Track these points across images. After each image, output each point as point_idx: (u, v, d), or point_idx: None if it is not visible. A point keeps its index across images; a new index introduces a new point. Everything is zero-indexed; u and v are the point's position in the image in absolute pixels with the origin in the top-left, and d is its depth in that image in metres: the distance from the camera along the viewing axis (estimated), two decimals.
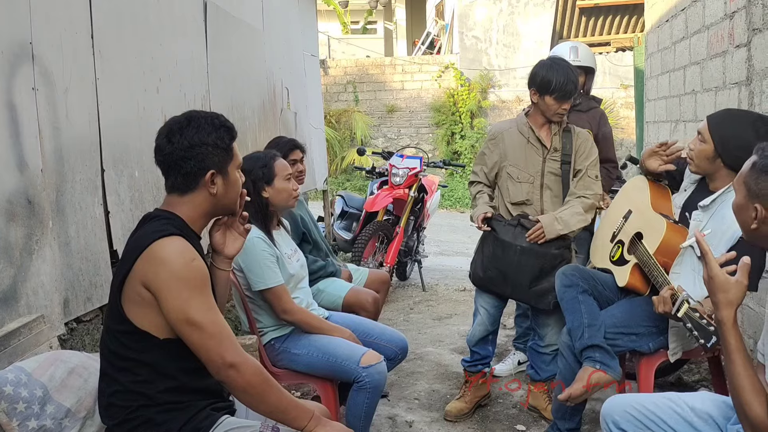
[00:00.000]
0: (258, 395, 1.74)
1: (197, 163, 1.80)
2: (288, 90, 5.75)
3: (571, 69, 3.12)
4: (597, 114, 3.87)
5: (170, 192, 1.86)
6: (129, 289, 1.73)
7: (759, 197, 1.63)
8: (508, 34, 13.97)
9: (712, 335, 2.08)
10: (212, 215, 1.92)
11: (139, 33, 3.13)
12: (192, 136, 1.80)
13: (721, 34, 3.74)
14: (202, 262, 1.75)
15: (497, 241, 3.18)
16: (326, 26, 18.76)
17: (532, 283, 3.13)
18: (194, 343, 1.71)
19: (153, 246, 1.71)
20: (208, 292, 1.75)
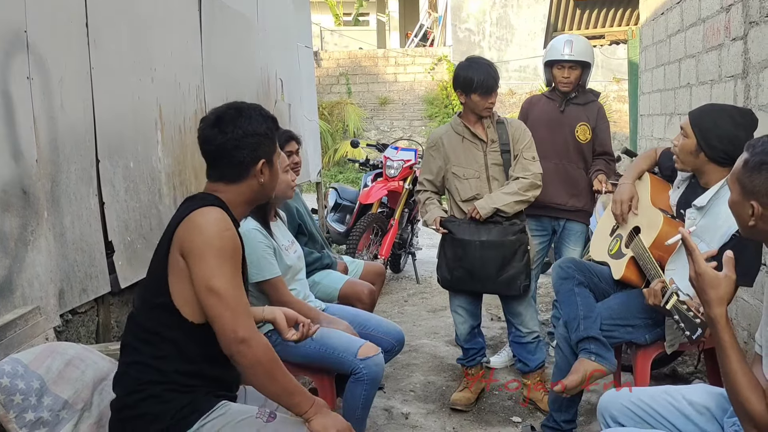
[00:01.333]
0: (266, 373, 1.75)
1: (250, 153, 1.84)
2: (282, 81, 5.72)
3: (489, 65, 3.23)
4: (595, 107, 3.86)
5: (216, 180, 1.88)
6: (172, 259, 1.77)
7: (754, 194, 1.62)
8: (501, 27, 13.95)
9: (697, 327, 2.11)
10: (252, 203, 1.95)
11: (134, 23, 3.10)
12: (246, 126, 1.84)
13: (717, 27, 3.74)
14: (235, 234, 1.78)
15: (456, 241, 3.26)
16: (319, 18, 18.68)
17: (499, 273, 3.21)
18: (211, 312, 1.72)
19: (192, 214, 1.76)
20: (236, 266, 1.77)
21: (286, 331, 2.08)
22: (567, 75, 3.74)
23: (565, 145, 3.76)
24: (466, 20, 14.05)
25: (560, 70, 3.76)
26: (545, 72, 3.91)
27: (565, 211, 3.80)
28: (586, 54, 3.76)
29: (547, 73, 3.89)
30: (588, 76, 3.81)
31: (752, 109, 3.20)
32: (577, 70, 3.75)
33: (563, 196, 3.75)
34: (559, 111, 3.79)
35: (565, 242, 3.87)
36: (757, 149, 1.63)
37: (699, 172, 2.55)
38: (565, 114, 3.78)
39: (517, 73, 13.56)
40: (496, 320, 4.74)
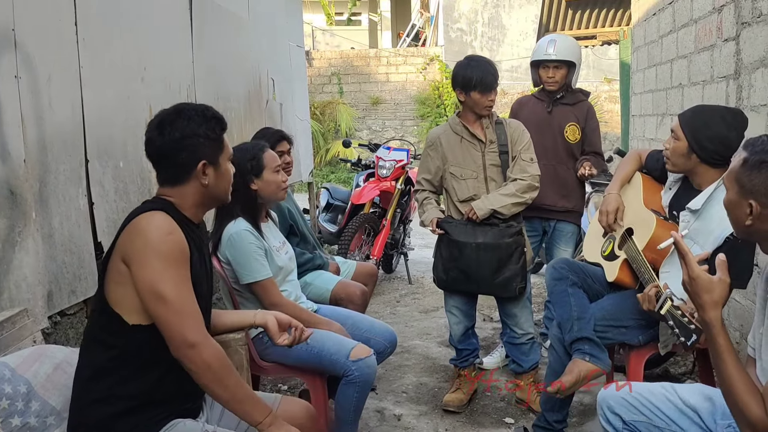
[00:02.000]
0: (215, 380, 1.72)
1: (189, 155, 1.81)
2: (273, 81, 5.69)
3: (488, 63, 3.23)
4: (584, 107, 3.84)
5: (162, 184, 1.86)
6: (111, 266, 1.75)
7: (753, 193, 1.61)
8: (493, 27, 13.96)
9: (692, 333, 2.10)
10: (205, 206, 1.92)
11: (124, 21, 3.06)
12: (183, 127, 1.80)
13: (709, 28, 3.75)
14: (180, 237, 1.74)
15: (452, 242, 3.25)
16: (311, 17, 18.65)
17: (494, 275, 3.20)
18: (158, 317, 1.70)
19: (135, 220, 1.74)
20: (182, 268, 1.73)
21: (277, 336, 2.06)
22: (552, 75, 3.73)
23: (554, 146, 3.74)
24: (458, 20, 14.04)
25: (545, 70, 3.75)
26: (532, 73, 3.89)
27: (556, 212, 3.80)
28: (570, 53, 3.73)
29: (533, 73, 3.87)
30: (574, 75, 3.78)
31: (745, 109, 3.20)
32: (563, 70, 3.73)
33: (553, 197, 3.74)
34: (546, 111, 3.78)
35: (555, 243, 3.86)
36: (757, 148, 1.62)
37: (691, 173, 2.55)
38: (553, 114, 3.77)
39: (509, 73, 13.56)
40: (488, 321, 4.73)
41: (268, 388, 3.59)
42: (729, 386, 1.57)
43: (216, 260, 2.76)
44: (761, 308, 1.76)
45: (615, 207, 2.80)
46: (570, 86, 3.79)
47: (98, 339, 1.77)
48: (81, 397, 1.77)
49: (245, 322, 2.14)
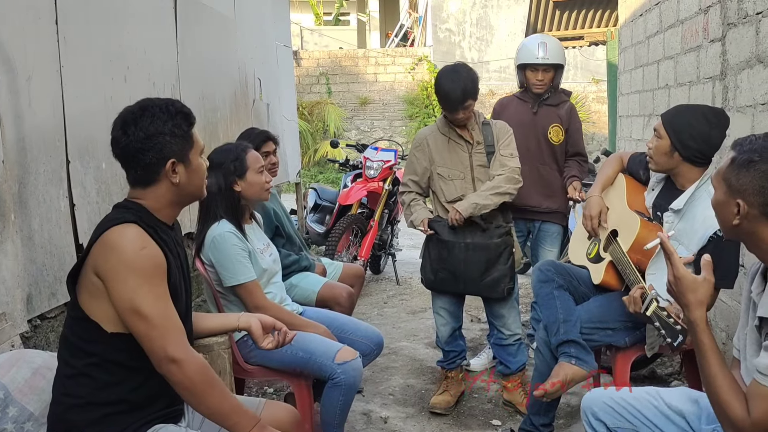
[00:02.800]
0: (198, 394, 1.69)
1: (156, 154, 1.74)
2: (260, 81, 5.65)
3: (457, 80, 3.12)
4: (567, 108, 3.82)
5: (133, 185, 1.80)
6: (84, 277, 1.70)
7: (741, 193, 1.61)
8: (482, 27, 13.97)
9: (678, 334, 2.10)
10: (179, 204, 1.86)
11: (106, 20, 3.03)
12: (147, 126, 1.73)
13: (695, 29, 3.75)
14: (155, 250, 1.69)
15: (441, 243, 3.24)
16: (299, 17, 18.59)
17: (483, 276, 3.19)
18: (138, 333, 1.66)
19: (106, 233, 1.68)
20: (159, 282, 1.69)
21: (261, 339, 2.02)
22: (541, 78, 3.70)
23: (538, 148, 3.72)
24: (447, 20, 14.05)
25: (534, 73, 3.71)
26: (518, 74, 3.86)
27: (540, 213, 3.78)
28: (560, 56, 3.73)
29: (520, 75, 3.84)
30: (560, 77, 3.77)
31: (731, 110, 3.21)
32: (551, 72, 3.71)
33: (537, 198, 3.72)
34: (532, 113, 3.75)
35: (541, 244, 3.84)
36: (745, 147, 1.63)
37: (674, 173, 2.55)
38: (538, 116, 3.75)
39: (497, 73, 13.59)
40: (476, 322, 4.72)
41: (254, 391, 3.56)
42: (712, 386, 1.57)
43: (200, 262, 2.73)
44: (746, 309, 1.76)
45: (598, 210, 2.79)
46: (556, 87, 3.78)
47: (76, 346, 1.73)
48: (60, 403, 1.74)
49: (229, 325, 2.11)
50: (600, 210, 2.79)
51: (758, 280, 1.70)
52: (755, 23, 2.95)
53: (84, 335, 1.71)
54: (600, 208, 2.79)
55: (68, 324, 1.77)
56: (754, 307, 1.67)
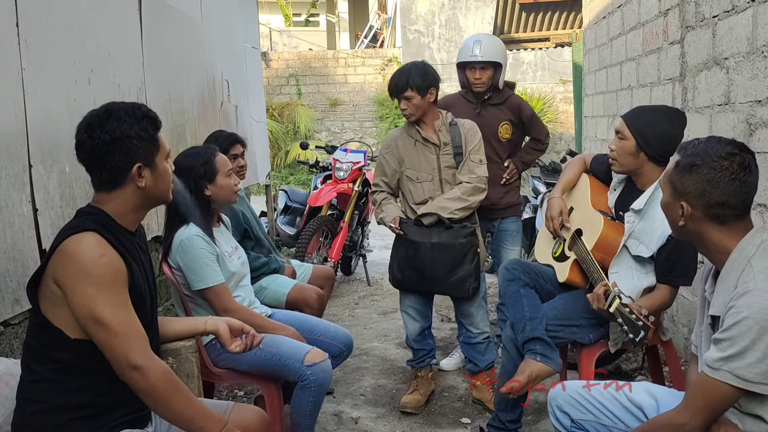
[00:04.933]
0: (162, 401, 1.69)
1: (122, 157, 1.72)
2: (228, 82, 5.62)
3: (403, 71, 3.22)
4: (514, 102, 3.80)
5: (98, 189, 1.78)
6: (44, 285, 1.69)
7: (684, 195, 1.69)
8: (450, 29, 14.06)
9: (640, 330, 2.16)
10: (144, 208, 1.84)
11: (69, 21, 2.99)
12: (113, 129, 1.71)
13: (655, 31, 3.84)
14: (114, 258, 1.68)
15: (408, 242, 3.27)
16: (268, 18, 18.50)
17: (449, 275, 3.22)
18: (100, 341, 1.65)
19: (64, 243, 1.66)
20: (119, 290, 1.67)
21: (229, 342, 2.02)
22: (479, 76, 3.66)
23: (490, 147, 3.68)
24: (416, 22, 14.11)
25: (472, 72, 3.67)
26: (459, 74, 3.81)
27: (500, 210, 3.80)
28: (496, 54, 3.66)
29: (460, 75, 3.79)
30: (500, 75, 3.71)
31: (689, 111, 3.29)
32: (489, 71, 3.66)
33: (496, 195, 3.71)
34: (475, 113, 3.71)
35: (502, 243, 3.85)
36: (688, 151, 1.69)
37: (636, 173, 2.60)
38: (483, 116, 3.71)
39: None
40: (446, 321, 4.76)
41: (224, 394, 3.54)
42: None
43: (167, 266, 2.71)
44: (701, 307, 1.82)
45: (558, 211, 2.84)
46: (497, 87, 3.74)
47: (40, 352, 1.71)
48: (24, 408, 1.72)
49: (196, 329, 2.11)
50: (560, 210, 2.84)
51: (710, 281, 1.76)
52: (711, 26, 3.03)
53: (47, 342, 1.70)
54: (560, 209, 2.84)
55: (31, 331, 1.75)
56: (708, 305, 1.74)
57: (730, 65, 2.86)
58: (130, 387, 1.69)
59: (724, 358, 1.57)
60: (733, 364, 1.56)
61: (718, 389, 1.59)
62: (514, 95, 3.88)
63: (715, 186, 1.64)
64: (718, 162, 1.64)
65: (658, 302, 2.47)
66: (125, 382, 1.68)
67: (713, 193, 1.64)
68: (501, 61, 3.69)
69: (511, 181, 3.82)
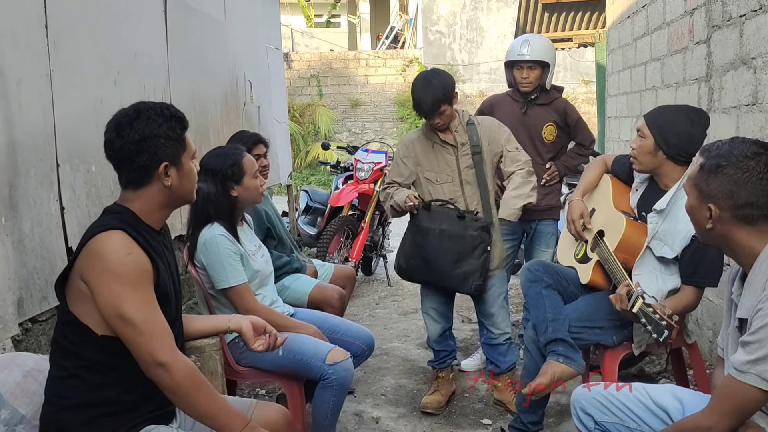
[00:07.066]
0: (186, 397, 1.71)
1: (149, 156, 1.75)
2: (251, 83, 5.67)
3: (427, 88, 3.14)
4: (560, 104, 3.82)
5: (125, 187, 1.81)
6: (71, 282, 1.72)
7: (711, 197, 1.67)
8: (472, 29, 14.03)
9: (664, 330, 2.14)
10: (170, 207, 1.87)
11: (96, 23, 3.03)
12: (142, 128, 1.74)
13: (681, 31, 3.80)
14: (140, 257, 1.70)
15: (416, 228, 3.24)
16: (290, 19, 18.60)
17: (453, 266, 3.17)
18: (126, 338, 1.68)
19: (91, 241, 1.69)
20: (145, 288, 1.70)
21: (252, 341, 2.04)
22: (526, 75, 3.69)
23: (533, 147, 3.73)
24: (437, 22, 14.10)
25: (519, 71, 3.70)
26: (506, 73, 3.86)
27: (539, 212, 3.79)
28: (544, 53, 3.69)
29: (507, 74, 3.83)
30: (548, 75, 3.73)
31: (716, 111, 3.25)
32: (537, 71, 3.69)
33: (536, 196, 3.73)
34: (521, 112, 3.75)
35: (536, 244, 3.86)
36: (713, 153, 1.68)
37: (657, 172, 2.58)
38: (529, 116, 3.74)
39: (488, 75, 13.64)
40: (467, 322, 4.75)
41: (246, 392, 3.57)
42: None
43: (191, 265, 2.74)
44: (728, 310, 1.80)
45: (579, 213, 2.82)
46: (544, 87, 3.76)
47: (67, 349, 1.74)
48: (52, 404, 1.75)
49: (220, 327, 2.13)
50: (581, 213, 2.82)
51: (738, 283, 1.74)
52: (739, 25, 3.00)
53: (75, 339, 1.72)
54: (581, 211, 2.82)
55: (59, 328, 1.78)
56: (735, 308, 1.72)
57: (758, 65, 2.82)
58: (155, 384, 1.71)
59: (752, 360, 1.55)
60: (761, 367, 1.54)
61: (745, 392, 1.57)
62: (562, 98, 3.88)
63: (742, 186, 1.62)
64: (744, 162, 1.63)
65: (683, 303, 2.45)
66: (150, 378, 1.70)
67: (740, 193, 1.62)
68: (549, 61, 3.70)
69: (551, 183, 3.80)
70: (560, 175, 3.84)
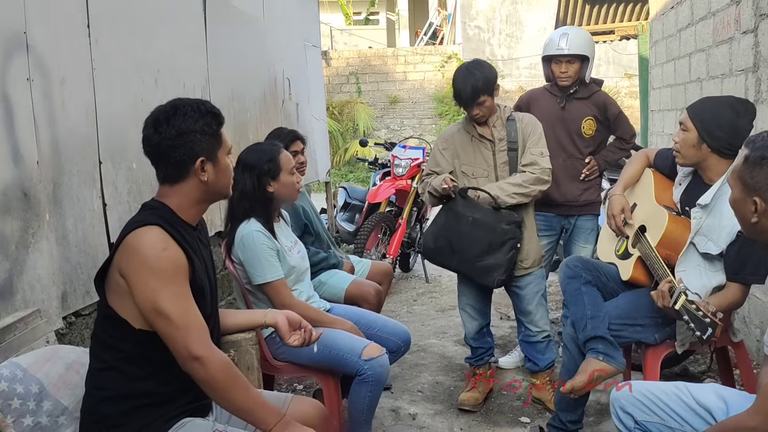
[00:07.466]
0: (221, 391, 1.73)
1: (186, 152, 1.78)
2: (289, 81, 5.71)
3: (468, 77, 3.11)
4: (600, 98, 3.73)
5: (162, 183, 1.85)
6: (110, 277, 1.75)
7: (757, 190, 1.62)
8: (511, 24, 13.87)
9: (708, 328, 2.07)
10: (206, 202, 1.89)
11: (137, 23, 3.09)
12: (179, 124, 1.78)
13: (727, 21, 3.68)
14: (176, 252, 1.73)
15: (451, 212, 3.20)
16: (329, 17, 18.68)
17: (478, 258, 3.13)
18: (162, 332, 1.71)
19: (129, 236, 1.72)
20: (180, 283, 1.72)
21: (287, 335, 2.05)
22: (565, 69, 3.61)
23: (571, 142, 3.66)
24: (476, 17, 13.98)
25: (558, 65, 3.62)
26: (544, 68, 3.77)
27: (578, 207, 3.73)
28: (583, 47, 3.60)
29: (545, 68, 3.75)
30: (587, 69, 3.65)
31: (763, 103, 3.15)
32: (576, 64, 3.60)
33: (575, 191, 3.68)
34: (560, 107, 3.67)
35: (575, 240, 3.79)
36: (757, 144, 1.62)
37: (701, 166, 2.50)
38: (568, 110, 3.67)
39: (528, 70, 13.47)
40: (505, 319, 4.70)
41: (284, 387, 3.60)
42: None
43: (229, 261, 2.77)
44: None
45: (620, 209, 2.75)
46: (583, 80, 3.68)
47: (106, 342, 1.78)
48: (92, 395, 1.79)
49: (256, 321, 2.15)
50: (622, 208, 2.75)
51: None
52: None
53: (113, 332, 1.76)
54: (621, 206, 2.75)
55: (98, 321, 1.82)
56: None
57: None
58: (191, 377, 1.73)
59: None
60: None
61: None
62: (601, 91, 3.79)
63: None
64: None
65: (728, 301, 2.37)
66: (186, 372, 1.72)
67: None
68: (588, 54, 3.62)
69: (591, 178, 3.73)
70: (600, 170, 3.77)
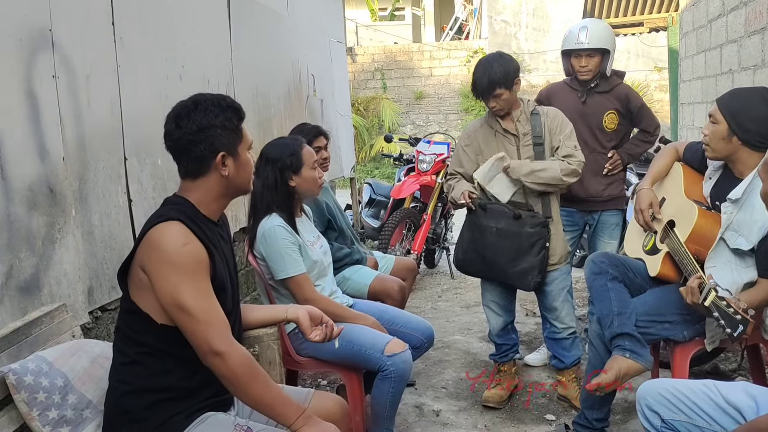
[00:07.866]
0: (242, 386, 1.73)
1: (207, 146, 1.79)
2: (314, 77, 5.71)
3: (488, 67, 3.10)
4: (622, 90, 3.63)
5: (183, 177, 1.86)
6: (132, 272, 1.77)
7: None
8: (538, 17, 13.73)
9: (738, 324, 2.02)
10: (227, 197, 1.90)
11: (161, 19, 3.11)
12: (200, 119, 1.78)
13: (759, 10, 3.59)
14: (197, 247, 1.73)
15: (474, 225, 3.20)
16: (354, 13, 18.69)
17: (510, 264, 3.12)
18: (183, 327, 1.72)
19: (150, 231, 1.73)
20: (201, 278, 1.73)
21: (309, 331, 2.05)
22: (585, 64, 3.53)
23: (593, 136, 3.58)
24: (502, 12, 13.87)
25: (577, 59, 3.55)
26: (563, 62, 3.70)
27: (602, 202, 3.67)
28: (603, 40, 3.51)
29: (565, 62, 3.68)
30: (608, 62, 3.56)
31: None
32: (596, 58, 3.52)
33: (597, 186, 3.61)
34: (581, 102, 3.59)
35: (599, 236, 3.73)
36: None
37: (731, 159, 2.44)
38: (588, 105, 3.58)
39: (555, 64, 13.30)
40: (531, 315, 4.66)
41: (308, 383, 3.61)
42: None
43: (252, 256, 2.78)
44: None
45: (648, 203, 2.70)
46: (604, 74, 3.59)
47: (129, 336, 1.79)
48: (116, 389, 1.80)
49: (277, 317, 2.15)
50: (650, 203, 2.69)
51: None
52: None
53: (136, 326, 1.78)
54: (650, 201, 2.70)
55: (121, 316, 1.84)
56: None
57: None
58: (213, 372, 1.74)
59: None
60: None
61: None
62: (623, 84, 3.69)
63: None
64: None
65: (759, 297, 2.30)
66: (208, 366, 1.73)
67: None
68: (609, 47, 3.54)
69: (614, 172, 3.66)
70: (623, 164, 3.69)
